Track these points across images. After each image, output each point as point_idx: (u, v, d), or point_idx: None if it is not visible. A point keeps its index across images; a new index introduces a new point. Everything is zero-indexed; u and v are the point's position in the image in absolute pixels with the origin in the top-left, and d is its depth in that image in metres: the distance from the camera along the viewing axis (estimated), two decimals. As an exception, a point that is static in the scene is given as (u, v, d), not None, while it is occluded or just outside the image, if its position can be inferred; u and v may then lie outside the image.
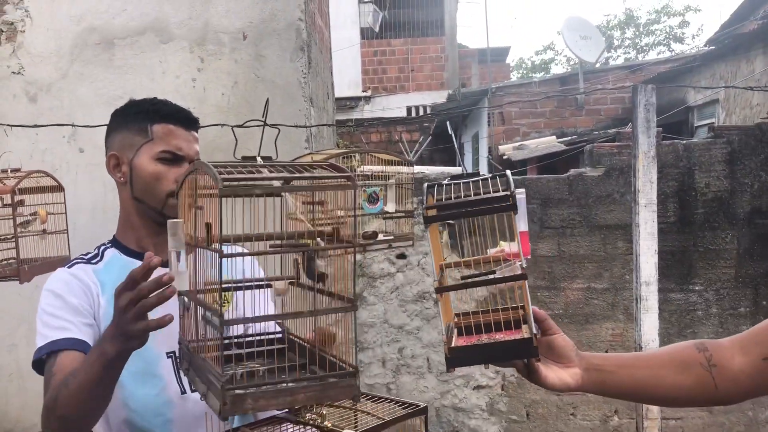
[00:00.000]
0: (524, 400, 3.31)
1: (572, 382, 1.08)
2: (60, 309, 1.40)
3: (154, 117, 1.49)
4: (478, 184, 1.07)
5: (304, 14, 3.28)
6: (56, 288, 1.43)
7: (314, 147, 3.36)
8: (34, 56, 3.26)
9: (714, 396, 1.08)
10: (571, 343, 1.10)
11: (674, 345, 1.15)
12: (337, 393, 0.97)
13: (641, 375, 1.10)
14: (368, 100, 12.13)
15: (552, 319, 1.09)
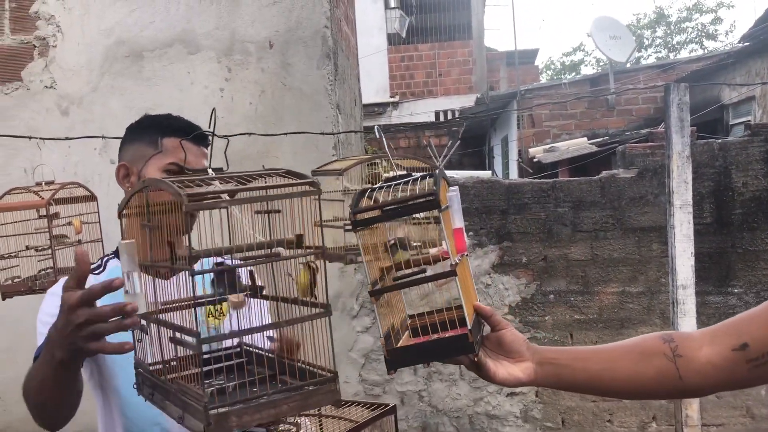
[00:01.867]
0: (559, 407, 3.26)
1: (524, 377, 1.07)
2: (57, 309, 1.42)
3: (165, 130, 1.53)
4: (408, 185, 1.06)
5: (329, 21, 3.28)
6: (56, 290, 1.45)
7: (342, 154, 3.35)
8: (65, 70, 3.31)
9: (679, 387, 1.06)
10: (522, 337, 1.09)
11: (640, 336, 1.13)
12: (319, 400, 0.95)
13: (596, 368, 1.08)
14: (396, 105, 12.13)
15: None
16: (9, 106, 3.31)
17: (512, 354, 1.08)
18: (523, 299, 3.27)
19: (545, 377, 1.09)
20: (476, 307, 1.08)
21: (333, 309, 3.26)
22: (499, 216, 3.29)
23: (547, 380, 1.10)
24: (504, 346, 1.09)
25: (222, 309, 1.45)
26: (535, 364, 1.08)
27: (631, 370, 1.07)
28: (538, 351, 1.10)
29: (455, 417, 3.27)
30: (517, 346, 1.08)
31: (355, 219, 1.04)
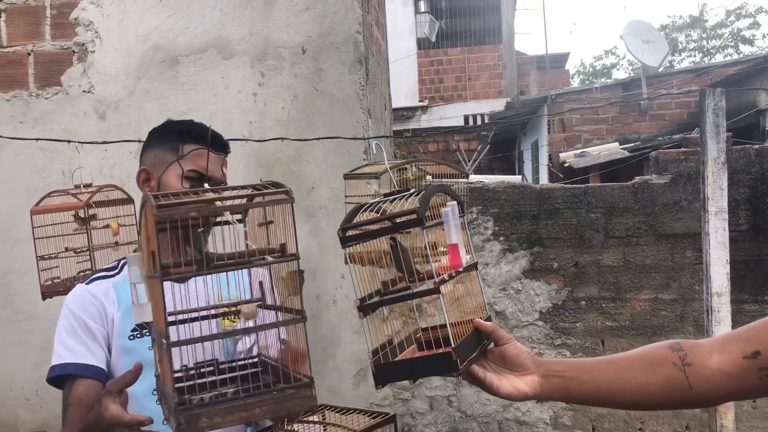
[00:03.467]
0: (590, 414, 3.23)
1: (529, 390, 1.07)
2: (76, 327, 1.48)
3: (186, 137, 1.55)
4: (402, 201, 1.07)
5: (361, 27, 3.30)
6: (73, 305, 1.51)
7: (372, 158, 3.37)
8: (103, 75, 3.38)
9: (689, 397, 1.04)
10: (526, 351, 1.09)
11: (648, 345, 1.11)
12: (294, 405, 0.97)
13: (604, 379, 1.07)
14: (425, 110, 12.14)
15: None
16: (49, 110, 3.39)
17: (516, 368, 1.09)
18: (554, 305, 3.25)
19: (551, 390, 1.08)
20: (476, 324, 1.10)
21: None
22: (530, 221, 3.27)
23: (553, 393, 1.09)
24: (507, 360, 1.09)
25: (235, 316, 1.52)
26: (540, 377, 1.08)
27: (640, 381, 1.06)
28: (543, 364, 1.10)
29: (484, 422, 3.26)
30: (520, 360, 1.09)
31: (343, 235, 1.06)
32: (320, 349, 3.31)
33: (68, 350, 1.45)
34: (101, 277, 1.57)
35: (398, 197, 1.09)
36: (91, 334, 1.47)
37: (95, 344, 1.47)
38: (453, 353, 0.99)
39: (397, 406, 3.28)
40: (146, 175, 1.60)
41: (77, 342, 1.46)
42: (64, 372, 1.43)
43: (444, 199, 1.13)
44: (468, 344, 1.05)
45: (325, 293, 3.31)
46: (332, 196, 3.29)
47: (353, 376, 3.30)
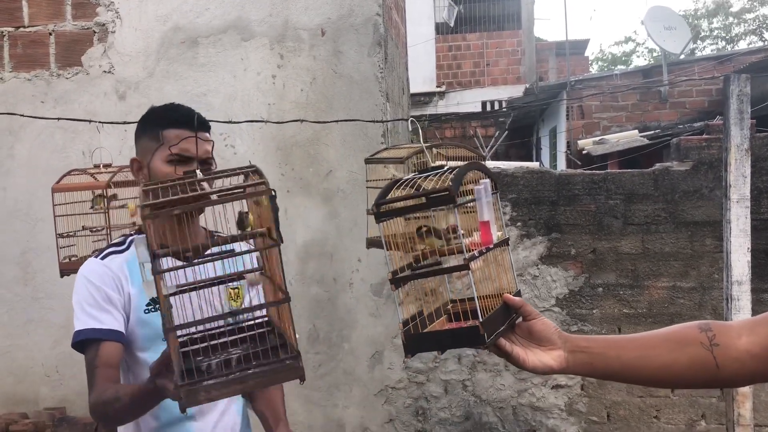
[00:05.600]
0: (605, 401, 3.22)
1: (555, 365, 1.09)
2: (97, 297, 1.55)
3: (164, 123, 1.63)
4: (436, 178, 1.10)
5: (381, 9, 3.28)
6: (93, 277, 1.57)
7: (390, 142, 3.36)
8: (123, 55, 3.39)
9: (715, 376, 1.05)
10: (552, 326, 1.11)
11: (676, 325, 1.13)
12: (284, 376, 1.05)
13: (631, 356, 1.09)
14: (442, 95, 12.07)
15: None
16: (69, 90, 3.41)
17: (543, 342, 1.11)
18: (571, 292, 3.24)
19: (577, 365, 1.10)
20: (505, 299, 1.12)
21: (379, 296, 3.27)
22: (549, 207, 3.25)
23: (579, 368, 1.11)
24: (535, 335, 1.11)
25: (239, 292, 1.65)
26: (566, 352, 1.10)
27: (667, 359, 1.07)
28: (570, 339, 1.12)
29: (499, 407, 3.26)
30: (547, 334, 1.11)
31: (378, 210, 1.08)
32: (336, 331, 3.32)
33: (91, 317, 1.52)
34: (114, 252, 1.64)
35: (433, 174, 1.10)
36: (111, 302, 1.54)
37: (117, 311, 1.55)
38: (480, 327, 1.02)
39: (412, 389, 3.29)
40: (138, 165, 1.68)
41: (99, 310, 1.53)
42: (90, 336, 1.50)
43: (477, 177, 1.14)
44: (496, 318, 1.08)
45: (341, 276, 3.32)
46: (350, 180, 3.29)
47: (368, 358, 3.32)
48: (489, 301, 1.09)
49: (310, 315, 3.33)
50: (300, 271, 3.34)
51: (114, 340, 1.51)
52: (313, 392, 3.35)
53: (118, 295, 1.56)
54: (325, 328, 3.33)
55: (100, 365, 1.47)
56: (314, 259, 3.33)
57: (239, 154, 3.33)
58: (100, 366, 1.47)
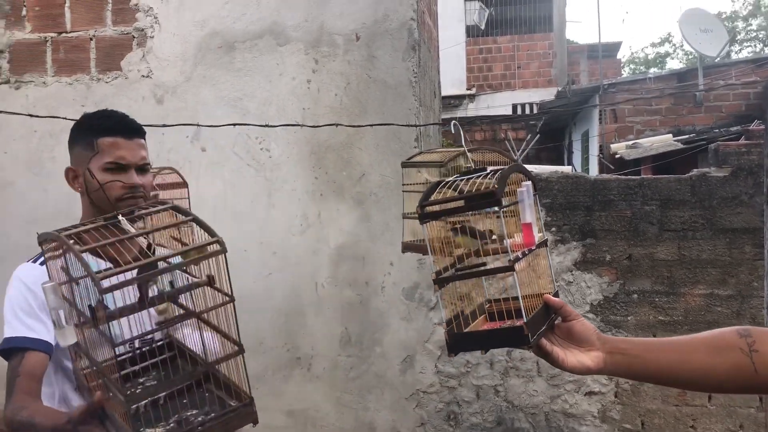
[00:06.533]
0: (639, 409, 3.18)
1: (593, 365, 1.11)
2: (32, 303, 1.51)
3: (98, 131, 1.62)
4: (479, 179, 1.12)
5: (416, 14, 3.29)
6: (29, 282, 1.54)
7: (422, 146, 3.37)
8: (161, 60, 3.45)
9: (753, 382, 1.06)
10: (592, 328, 1.13)
11: (714, 330, 1.13)
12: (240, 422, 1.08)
13: (668, 359, 1.09)
14: (472, 98, 12.04)
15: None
16: (109, 94, 3.48)
17: (582, 343, 1.13)
18: (606, 298, 3.21)
19: (615, 366, 1.12)
20: (546, 300, 1.15)
21: (411, 300, 3.28)
22: (583, 212, 3.23)
23: (616, 370, 1.13)
24: (574, 336, 1.13)
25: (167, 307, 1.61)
26: (604, 353, 1.11)
27: (705, 363, 1.08)
28: (609, 341, 1.13)
29: (531, 413, 3.25)
30: (586, 335, 1.13)
31: (423, 211, 1.09)
32: (368, 334, 3.34)
33: (23, 325, 1.50)
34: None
35: (475, 176, 1.12)
36: (46, 310, 1.50)
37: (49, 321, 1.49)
38: (525, 327, 1.04)
39: (444, 393, 3.29)
40: (73, 173, 1.67)
41: (32, 318, 1.51)
42: (19, 345, 1.47)
43: (519, 179, 1.15)
44: (537, 318, 1.10)
45: (373, 279, 3.33)
46: (382, 184, 3.30)
47: (400, 362, 3.32)
48: (529, 301, 1.11)
49: (342, 318, 3.35)
50: (332, 274, 3.36)
51: (42, 350, 1.48)
52: (344, 395, 3.37)
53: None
54: (357, 331, 3.35)
55: (23, 374, 1.44)
56: (346, 262, 3.35)
57: (274, 157, 3.36)
58: (22, 375, 1.44)
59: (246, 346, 1.17)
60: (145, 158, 1.68)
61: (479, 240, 1.17)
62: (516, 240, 1.13)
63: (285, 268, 3.38)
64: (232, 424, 1.07)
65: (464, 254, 1.17)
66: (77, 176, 1.65)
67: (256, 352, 3.33)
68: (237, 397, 1.12)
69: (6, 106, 3.42)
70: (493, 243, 1.17)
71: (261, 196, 3.39)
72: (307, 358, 3.38)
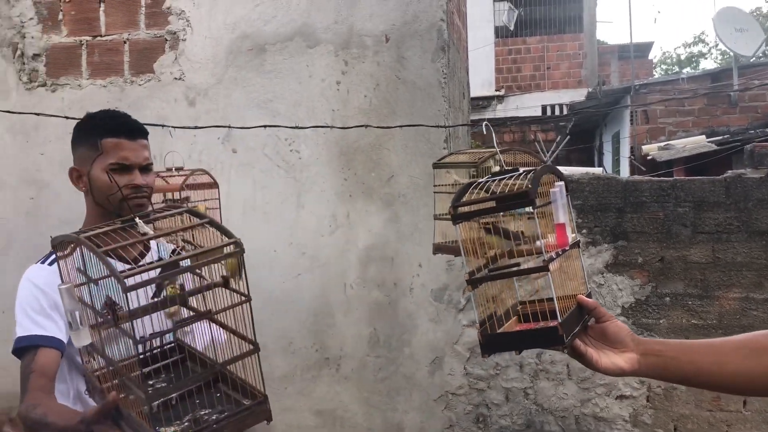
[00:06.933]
0: (672, 414, 3.13)
1: (627, 367, 1.10)
2: (43, 303, 1.55)
3: (102, 132, 1.65)
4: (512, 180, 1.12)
5: (445, 15, 3.29)
6: (39, 282, 1.57)
7: (451, 147, 3.36)
8: (193, 63, 3.49)
9: None
10: (626, 329, 1.13)
11: (751, 333, 1.12)
12: (254, 419, 1.10)
13: (704, 361, 1.09)
14: (501, 99, 11.99)
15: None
16: (142, 97, 3.54)
17: (616, 344, 1.12)
18: (637, 301, 3.17)
19: (649, 368, 1.11)
20: (579, 300, 1.14)
21: (439, 301, 3.28)
22: (615, 214, 3.19)
23: (651, 371, 1.12)
24: (608, 337, 1.13)
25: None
26: (639, 354, 1.11)
27: (741, 366, 1.07)
28: (643, 342, 1.13)
29: (561, 417, 3.22)
30: (620, 336, 1.12)
31: (455, 212, 1.10)
32: (396, 335, 3.34)
33: (34, 323, 1.52)
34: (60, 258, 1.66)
35: (507, 177, 1.12)
36: (56, 308, 1.54)
37: (60, 319, 1.54)
38: (560, 327, 1.03)
39: (473, 395, 3.27)
40: (77, 173, 1.70)
41: (42, 316, 1.54)
42: (32, 343, 1.50)
43: (551, 180, 1.15)
44: (571, 319, 1.10)
45: (402, 281, 3.33)
46: (411, 185, 3.30)
47: (428, 364, 3.32)
48: (562, 302, 1.11)
49: (370, 319, 3.36)
50: (361, 274, 3.36)
51: (54, 347, 1.50)
52: (372, 395, 3.37)
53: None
54: (385, 332, 3.35)
55: (36, 371, 1.46)
56: (375, 263, 3.35)
57: (303, 158, 3.38)
58: (35, 372, 1.46)
59: (275, 346, 1.19)
60: (148, 158, 1.71)
61: (512, 241, 1.17)
62: (549, 240, 1.12)
63: (314, 269, 3.40)
64: (246, 421, 1.09)
65: (497, 255, 1.17)
66: (81, 176, 1.69)
67: (285, 351, 3.35)
68: (251, 396, 1.14)
69: (42, 109, 3.49)
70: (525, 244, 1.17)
71: (290, 197, 3.41)
72: (336, 359, 3.39)
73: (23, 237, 3.67)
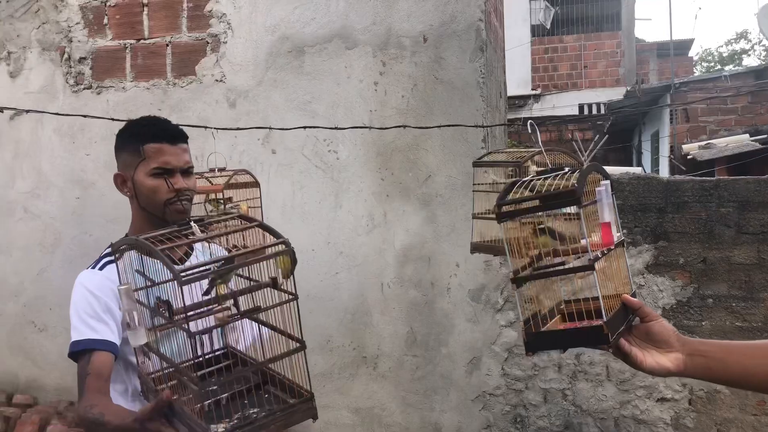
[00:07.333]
0: (715, 418, 3.08)
1: (672, 367, 1.09)
2: (96, 307, 1.59)
3: (144, 138, 1.70)
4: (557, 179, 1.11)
5: (483, 14, 3.28)
6: (92, 287, 1.62)
7: (489, 147, 3.35)
8: (234, 65, 3.55)
9: None
10: (671, 329, 1.12)
11: None
12: (300, 417, 1.13)
13: (751, 363, 1.07)
14: (538, 98, 11.88)
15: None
16: (184, 99, 3.61)
17: (661, 344, 1.11)
18: (679, 302, 3.12)
19: (695, 369, 1.10)
20: (624, 300, 1.13)
21: (477, 301, 3.27)
22: (656, 214, 3.15)
23: (696, 372, 1.11)
24: (653, 337, 1.12)
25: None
26: (684, 355, 1.10)
27: None
28: (689, 342, 1.12)
29: (600, 418, 3.19)
30: (665, 336, 1.11)
31: (500, 211, 1.10)
32: (434, 335, 3.34)
33: (88, 327, 1.58)
34: (110, 261, 1.69)
35: (552, 175, 1.12)
36: (109, 312, 1.60)
37: (113, 322, 1.60)
38: (605, 326, 1.03)
39: (510, 396, 3.27)
40: (121, 179, 1.75)
41: (96, 320, 1.59)
42: (87, 347, 1.55)
43: (596, 179, 1.15)
44: (616, 318, 1.10)
45: (439, 280, 3.34)
46: (449, 185, 3.31)
47: (466, 364, 3.32)
48: (607, 301, 1.11)
49: (407, 318, 3.37)
50: (398, 274, 3.38)
51: (107, 350, 1.55)
52: (409, 394, 3.38)
53: (115, 306, 1.61)
54: (422, 332, 3.36)
55: (91, 374, 1.51)
56: (412, 263, 3.37)
57: (341, 159, 3.41)
58: (91, 374, 1.51)
59: (313, 344, 1.22)
60: (189, 162, 1.76)
61: (558, 240, 1.17)
62: (594, 239, 1.12)
63: (351, 268, 3.42)
64: (293, 419, 1.12)
65: (542, 254, 1.17)
66: (126, 181, 1.74)
67: (323, 350, 3.39)
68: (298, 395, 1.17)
69: (88, 111, 3.59)
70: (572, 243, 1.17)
71: (328, 197, 3.44)
72: (373, 357, 3.41)
73: (70, 235, 3.77)
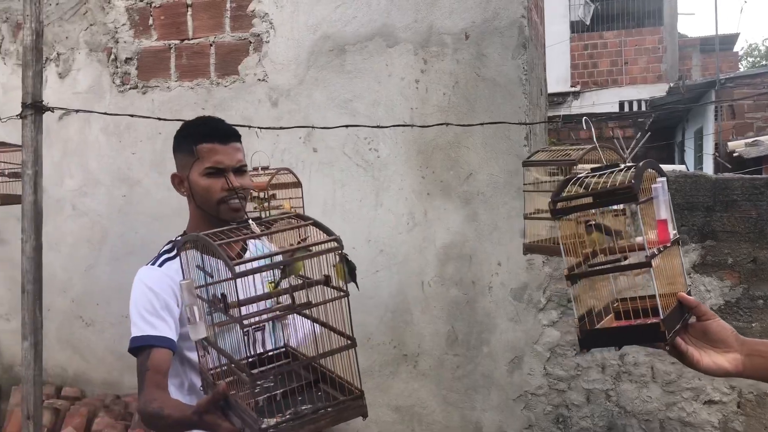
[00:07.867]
0: (765, 421, 3.01)
1: (730, 367, 1.07)
2: (155, 304, 1.63)
3: (196, 138, 1.73)
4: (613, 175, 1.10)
5: (526, 11, 3.25)
6: (151, 284, 1.66)
7: (531, 145, 3.32)
8: (276, 64, 3.58)
9: None
10: (729, 329, 1.10)
11: None
12: (350, 414, 1.15)
13: None
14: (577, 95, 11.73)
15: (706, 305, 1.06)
16: (227, 98, 3.65)
17: (718, 344, 1.10)
18: (727, 303, 3.06)
19: (754, 369, 1.08)
20: (680, 298, 1.12)
21: (519, 300, 3.25)
22: (703, 213, 3.09)
23: (755, 373, 1.09)
24: (710, 336, 1.10)
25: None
26: (743, 355, 1.08)
27: None
28: (747, 343, 1.10)
29: (645, 420, 3.14)
30: (723, 336, 1.09)
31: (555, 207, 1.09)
32: (475, 334, 3.33)
33: (147, 324, 1.61)
34: (168, 258, 1.74)
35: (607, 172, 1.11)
36: (167, 309, 1.64)
37: (171, 318, 1.64)
38: (661, 324, 1.02)
39: (553, 396, 3.23)
40: (178, 179, 1.80)
41: (155, 317, 1.62)
42: (146, 343, 1.59)
43: (652, 175, 1.13)
44: (673, 317, 1.08)
45: (480, 279, 3.32)
46: (490, 183, 3.29)
47: (507, 363, 3.30)
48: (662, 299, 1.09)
49: (448, 317, 3.36)
50: (439, 273, 3.37)
51: (165, 347, 1.59)
52: (450, 393, 3.38)
53: (174, 303, 1.65)
54: (463, 331, 3.35)
55: (151, 369, 1.55)
56: (453, 262, 3.36)
57: (382, 157, 3.42)
58: (150, 370, 1.55)
59: (355, 341, 1.24)
60: (242, 161, 1.78)
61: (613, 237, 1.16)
62: (650, 237, 1.11)
63: (392, 266, 3.43)
64: (343, 415, 1.14)
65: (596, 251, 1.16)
66: (182, 181, 1.78)
67: (364, 347, 3.40)
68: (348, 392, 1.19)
69: (134, 110, 3.66)
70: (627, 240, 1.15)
71: (369, 195, 3.45)
72: (414, 356, 3.41)
73: (116, 232, 3.86)
